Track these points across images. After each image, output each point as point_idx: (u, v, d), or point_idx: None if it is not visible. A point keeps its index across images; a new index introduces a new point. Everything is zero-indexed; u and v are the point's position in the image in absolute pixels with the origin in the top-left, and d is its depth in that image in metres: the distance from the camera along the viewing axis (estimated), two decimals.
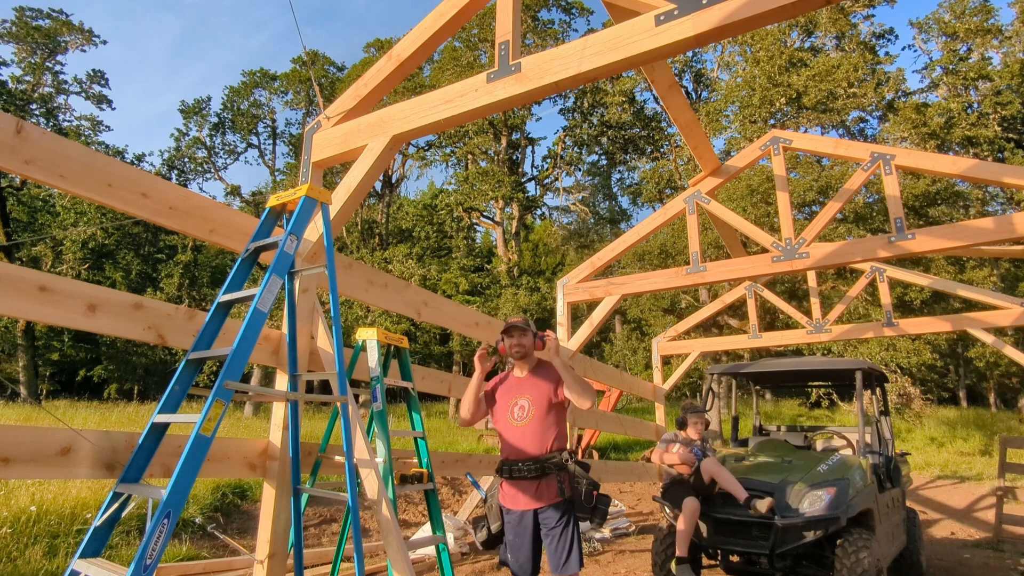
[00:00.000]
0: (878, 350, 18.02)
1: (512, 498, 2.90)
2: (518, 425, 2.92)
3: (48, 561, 4.34)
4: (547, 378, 3.01)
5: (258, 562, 3.00)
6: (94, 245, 26.07)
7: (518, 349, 3.05)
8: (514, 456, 2.89)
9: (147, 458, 2.42)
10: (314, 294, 3.40)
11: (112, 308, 2.59)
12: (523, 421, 2.91)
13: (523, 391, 3.00)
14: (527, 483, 2.85)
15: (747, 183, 20.46)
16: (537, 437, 2.88)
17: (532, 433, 2.89)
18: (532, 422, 2.90)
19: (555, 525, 2.80)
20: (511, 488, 2.91)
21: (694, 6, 2.50)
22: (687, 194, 6.31)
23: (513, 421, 2.94)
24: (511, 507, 2.90)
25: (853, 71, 21.31)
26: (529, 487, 2.85)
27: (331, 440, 3.53)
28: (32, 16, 25.92)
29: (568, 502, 2.84)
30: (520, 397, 2.98)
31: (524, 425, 2.90)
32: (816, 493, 3.97)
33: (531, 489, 2.85)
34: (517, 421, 2.92)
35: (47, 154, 2.46)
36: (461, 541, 5.72)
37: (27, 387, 21.54)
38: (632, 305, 25.76)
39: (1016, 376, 24.25)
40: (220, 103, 32.66)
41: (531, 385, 3.02)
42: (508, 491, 2.93)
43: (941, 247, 5.02)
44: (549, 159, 31.23)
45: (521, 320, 3.12)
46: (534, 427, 2.89)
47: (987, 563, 6.12)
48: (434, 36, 3.45)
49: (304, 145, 3.75)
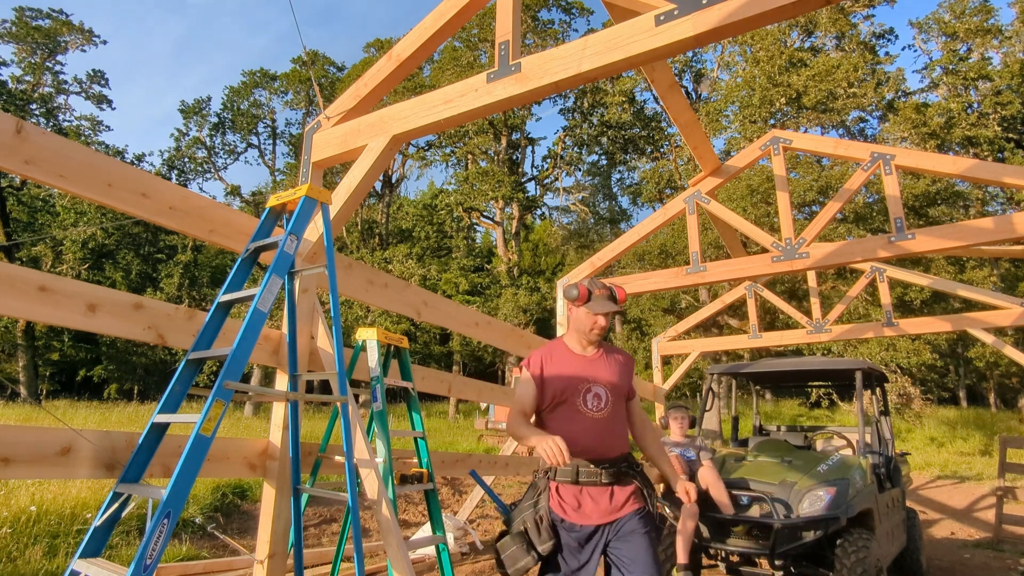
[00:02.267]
0: (878, 350, 18.03)
1: (578, 509, 2.29)
2: (596, 416, 2.36)
3: (48, 561, 4.34)
4: (621, 365, 2.53)
5: (258, 562, 3.00)
6: (94, 245, 26.08)
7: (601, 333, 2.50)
8: (590, 455, 2.32)
9: (147, 458, 2.42)
10: (314, 294, 3.40)
11: (112, 308, 2.59)
12: (602, 412, 2.37)
13: (598, 374, 2.43)
14: (599, 490, 2.31)
15: (747, 183, 20.47)
16: (620, 433, 2.41)
17: (614, 428, 2.39)
18: (612, 415, 2.39)
19: (638, 530, 2.28)
20: (576, 496, 2.31)
21: (694, 6, 2.50)
22: (687, 194, 6.31)
23: (587, 410, 2.37)
24: (579, 521, 2.28)
25: (853, 71, 21.31)
26: (602, 495, 2.31)
27: (331, 440, 3.53)
28: (32, 16, 25.92)
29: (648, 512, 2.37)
30: (595, 383, 2.41)
31: (603, 417, 2.36)
32: (816, 493, 3.97)
33: (604, 497, 2.31)
34: (594, 411, 2.36)
35: (47, 154, 2.46)
36: (461, 541, 5.72)
37: (27, 387, 21.54)
38: (632, 305, 25.75)
39: (1016, 376, 24.25)
40: (220, 103, 32.68)
41: (606, 368, 2.47)
42: (570, 500, 2.31)
43: (941, 247, 5.02)
44: (549, 159, 31.23)
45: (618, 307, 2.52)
46: (615, 421, 2.40)
47: (987, 563, 6.12)
48: (434, 36, 3.45)
49: (304, 145, 3.75)
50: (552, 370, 2.44)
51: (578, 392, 2.38)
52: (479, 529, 6.90)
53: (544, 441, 2.07)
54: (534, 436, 2.18)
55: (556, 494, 2.33)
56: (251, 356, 2.48)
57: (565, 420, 2.36)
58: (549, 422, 2.41)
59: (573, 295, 2.47)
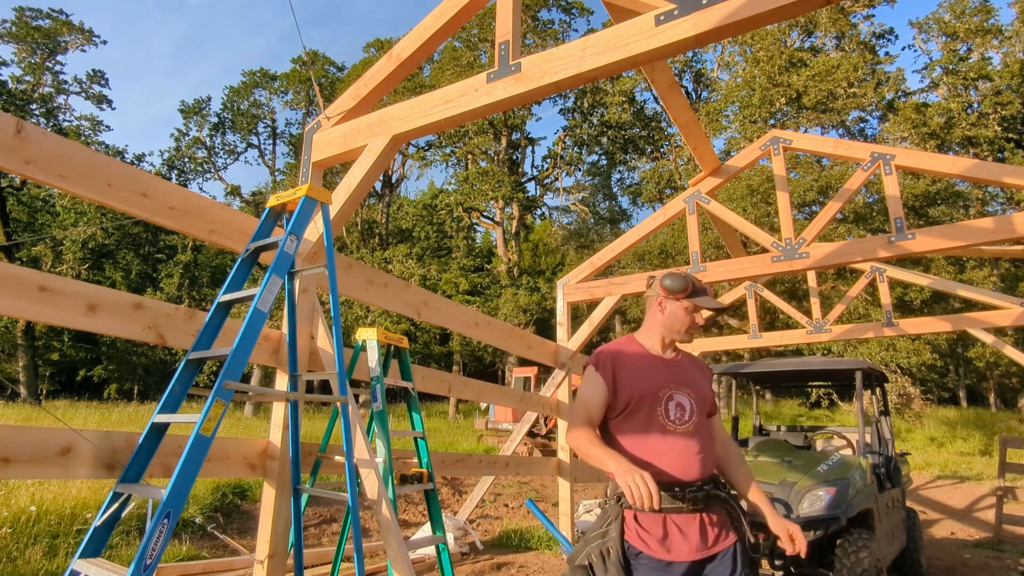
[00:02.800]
0: (878, 350, 18.03)
1: (663, 541, 1.87)
2: (680, 430, 1.97)
3: (48, 561, 4.34)
4: (702, 373, 2.17)
5: (258, 562, 3.00)
6: (94, 245, 26.09)
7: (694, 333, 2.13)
8: (676, 476, 1.90)
9: (147, 458, 2.42)
10: (314, 294, 3.40)
11: (112, 308, 2.59)
12: (687, 425, 1.99)
13: (680, 381, 2.06)
14: (686, 518, 1.89)
15: (747, 183, 20.47)
16: (707, 451, 2.00)
17: (700, 445, 1.98)
18: (698, 429, 2.00)
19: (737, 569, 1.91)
20: (660, 526, 1.88)
21: (694, 6, 2.50)
22: (687, 194, 6.31)
23: (670, 423, 1.97)
24: (665, 557, 1.86)
25: (853, 71, 21.32)
26: (690, 525, 1.88)
27: (331, 440, 3.53)
28: (32, 16, 25.93)
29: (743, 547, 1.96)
30: (677, 390, 2.03)
31: (688, 431, 1.98)
32: (816, 493, 3.97)
33: (693, 528, 1.88)
34: (677, 424, 1.98)
35: (47, 154, 2.46)
36: (461, 541, 5.72)
37: (27, 387, 21.55)
38: (632, 305, 25.75)
39: (1016, 376, 24.26)
40: (220, 103, 32.70)
41: (687, 375, 2.09)
42: (653, 530, 1.88)
43: (941, 247, 5.02)
44: (549, 159, 31.24)
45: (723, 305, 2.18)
46: (701, 436, 2.00)
47: (987, 563, 6.12)
48: (434, 36, 3.45)
49: (304, 145, 3.75)
50: (627, 371, 2.04)
51: (659, 400, 1.99)
52: (479, 529, 6.90)
53: (630, 475, 1.67)
54: (613, 461, 1.76)
55: (635, 523, 1.91)
56: (251, 356, 2.48)
57: (642, 433, 1.97)
58: (621, 435, 2.01)
59: (678, 286, 2.06)
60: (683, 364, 2.13)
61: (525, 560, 5.48)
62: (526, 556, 5.66)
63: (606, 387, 2.02)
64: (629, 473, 1.68)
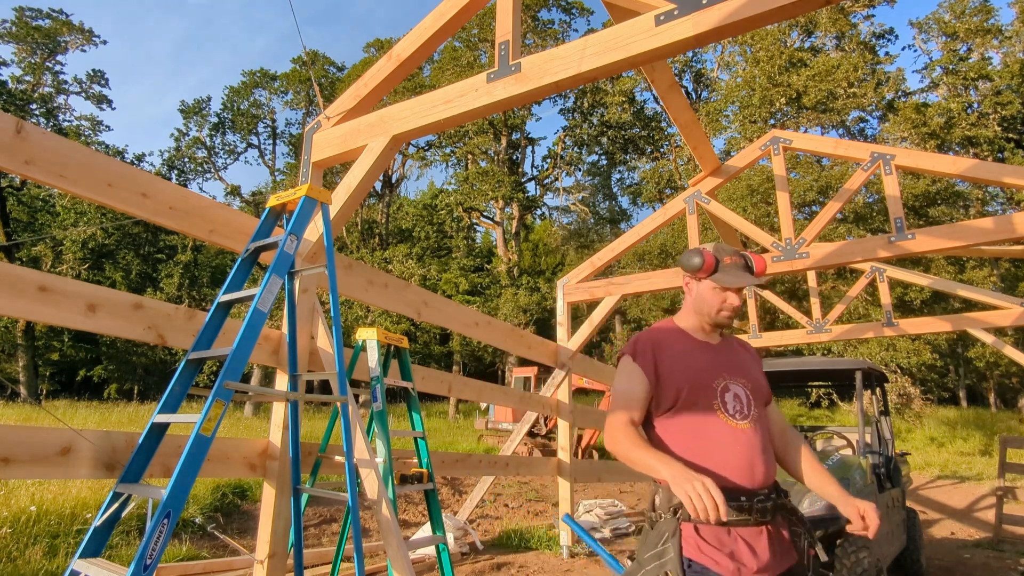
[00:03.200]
0: (878, 350, 18.05)
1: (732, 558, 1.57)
2: (740, 426, 1.68)
3: (48, 561, 4.34)
4: (753, 358, 1.90)
5: (258, 562, 3.00)
6: (94, 245, 26.10)
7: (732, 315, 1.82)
8: (739, 483, 1.61)
9: (147, 458, 2.42)
10: (314, 294, 3.40)
11: (112, 308, 2.59)
12: (747, 421, 1.69)
13: (733, 369, 1.78)
14: (753, 532, 1.61)
15: (747, 183, 20.49)
16: (769, 451, 1.72)
17: (763, 444, 1.69)
18: (759, 424, 1.72)
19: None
20: (725, 540, 1.58)
21: (694, 6, 2.50)
22: (687, 194, 6.31)
23: (729, 418, 1.68)
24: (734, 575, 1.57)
25: (853, 71, 21.33)
26: (758, 539, 1.60)
27: (331, 440, 3.53)
28: (32, 16, 25.94)
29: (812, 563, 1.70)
30: (732, 379, 1.75)
31: (749, 428, 1.68)
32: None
33: (761, 542, 1.59)
34: (737, 419, 1.68)
35: (47, 154, 2.46)
36: (461, 541, 5.72)
37: (27, 387, 21.55)
38: (632, 305, 25.78)
39: (1016, 376, 24.26)
40: (220, 103, 32.71)
41: (738, 361, 1.83)
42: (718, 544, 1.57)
43: (941, 247, 5.02)
44: (549, 159, 31.25)
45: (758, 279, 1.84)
46: (762, 432, 1.72)
47: (987, 563, 6.12)
48: (434, 36, 3.46)
49: (304, 145, 3.75)
50: (672, 359, 1.76)
51: (712, 392, 1.71)
52: (479, 529, 6.90)
53: (689, 483, 1.40)
54: (665, 467, 1.48)
55: (696, 536, 1.59)
56: (251, 356, 2.48)
57: (696, 431, 1.67)
58: (670, 434, 1.71)
59: (695, 264, 1.81)
60: (732, 349, 1.87)
61: (525, 560, 5.48)
62: (526, 556, 5.66)
63: (647, 379, 1.75)
64: (688, 481, 1.41)
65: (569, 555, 5.63)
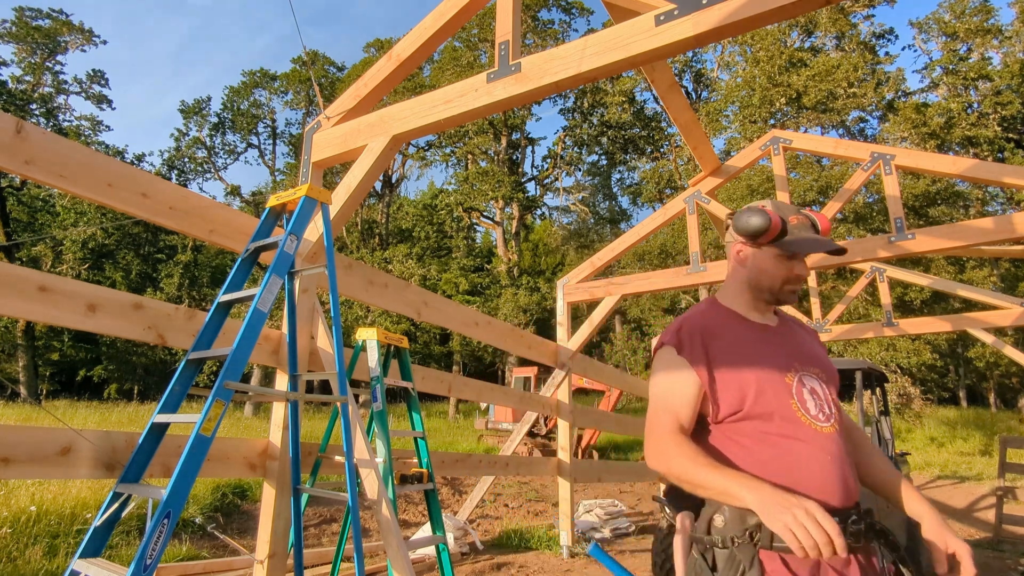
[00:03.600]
0: (878, 350, 18.06)
1: None
2: (825, 431, 1.33)
3: (48, 561, 4.34)
4: (812, 336, 1.57)
5: (258, 562, 3.00)
6: (94, 245, 26.10)
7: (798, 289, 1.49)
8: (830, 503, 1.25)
9: (147, 458, 2.42)
10: (314, 294, 3.40)
11: (112, 308, 2.59)
12: (831, 423, 1.35)
13: (803, 358, 1.43)
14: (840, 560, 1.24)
15: (747, 183, 20.49)
16: (851, 459, 1.36)
17: (848, 452, 1.36)
18: (841, 427, 1.38)
19: None
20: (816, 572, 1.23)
21: (694, 6, 2.50)
22: (687, 194, 6.31)
23: (812, 420, 1.33)
24: None
25: (853, 71, 21.33)
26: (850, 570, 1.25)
27: (331, 440, 3.53)
28: (32, 16, 25.95)
29: None
30: (804, 370, 1.40)
31: (834, 432, 1.34)
32: None
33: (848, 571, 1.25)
34: (820, 422, 1.33)
35: (47, 154, 2.46)
36: (461, 541, 5.72)
37: (27, 387, 21.55)
38: (632, 305, 25.79)
39: (1016, 376, 24.26)
40: (220, 103, 32.72)
41: (805, 346, 1.49)
42: None
43: (941, 247, 5.02)
44: (549, 159, 31.27)
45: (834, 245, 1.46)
46: (846, 438, 1.39)
47: (987, 563, 6.12)
48: (434, 36, 3.45)
49: (304, 145, 3.75)
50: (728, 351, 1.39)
51: (786, 388, 1.34)
52: (479, 529, 6.90)
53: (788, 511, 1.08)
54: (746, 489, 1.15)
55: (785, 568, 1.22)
56: (251, 356, 2.48)
57: (774, 440, 1.30)
58: (739, 446, 1.34)
59: (756, 226, 1.42)
60: (792, 331, 1.51)
61: (525, 560, 5.48)
62: (526, 556, 5.66)
63: (698, 376, 1.37)
64: (787, 509, 1.09)
65: (569, 555, 5.63)
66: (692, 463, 1.25)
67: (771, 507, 1.11)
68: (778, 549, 1.23)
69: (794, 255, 1.45)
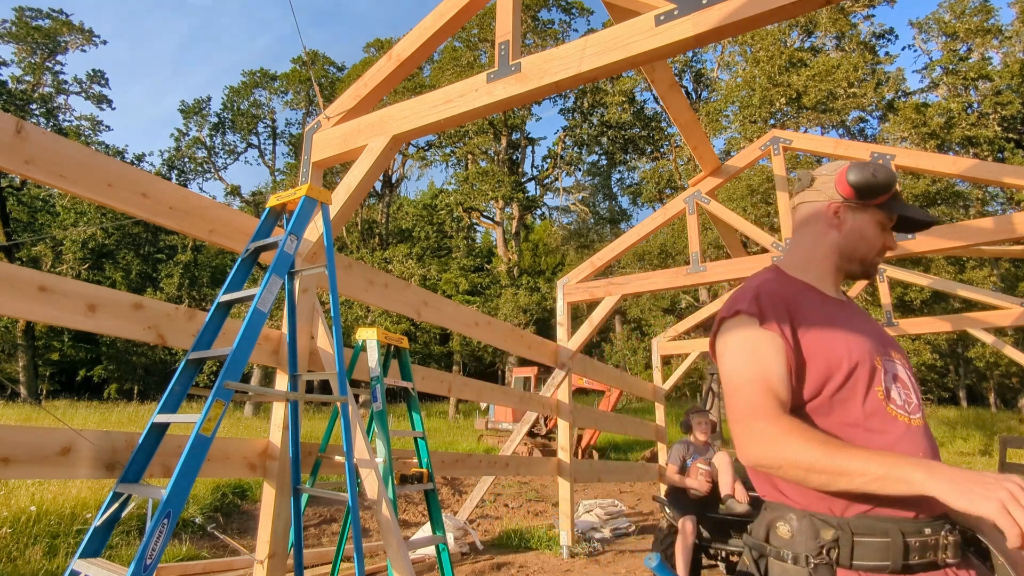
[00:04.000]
0: None
1: None
2: (915, 424, 1.16)
3: (48, 561, 4.34)
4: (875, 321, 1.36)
5: (258, 562, 3.00)
6: (94, 245, 26.10)
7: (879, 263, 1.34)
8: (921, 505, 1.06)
9: (147, 458, 2.42)
10: (314, 294, 3.40)
11: (112, 308, 2.59)
12: (919, 416, 1.19)
13: (884, 340, 1.26)
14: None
15: (747, 183, 20.50)
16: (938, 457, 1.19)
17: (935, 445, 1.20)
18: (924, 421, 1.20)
19: None
20: None
21: (694, 6, 2.50)
22: (687, 194, 6.31)
23: (900, 411, 1.15)
24: None
25: (853, 71, 21.34)
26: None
27: (331, 440, 3.53)
28: (32, 16, 25.95)
29: None
30: (886, 356, 1.21)
31: (923, 426, 1.18)
32: None
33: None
34: (908, 413, 1.16)
35: (47, 154, 2.46)
36: (461, 541, 5.71)
37: (27, 387, 21.55)
38: (632, 305, 25.79)
39: (1016, 376, 24.26)
40: (220, 103, 32.73)
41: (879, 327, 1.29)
42: None
43: (941, 247, 5.02)
44: (549, 159, 31.27)
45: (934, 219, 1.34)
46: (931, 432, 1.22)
47: None
48: (434, 36, 3.46)
49: (304, 145, 3.75)
50: (813, 326, 1.18)
51: (874, 374, 1.15)
52: (479, 529, 6.90)
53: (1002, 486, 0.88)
54: (920, 469, 0.94)
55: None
56: (251, 356, 2.48)
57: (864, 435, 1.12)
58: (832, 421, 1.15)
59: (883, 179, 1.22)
60: (860, 310, 1.32)
61: (525, 560, 5.48)
62: (526, 556, 5.66)
63: (787, 348, 1.14)
64: (995, 485, 0.88)
65: (569, 555, 5.63)
66: (826, 447, 1.01)
67: (968, 486, 0.88)
68: (859, 568, 1.04)
69: (886, 226, 1.28)
